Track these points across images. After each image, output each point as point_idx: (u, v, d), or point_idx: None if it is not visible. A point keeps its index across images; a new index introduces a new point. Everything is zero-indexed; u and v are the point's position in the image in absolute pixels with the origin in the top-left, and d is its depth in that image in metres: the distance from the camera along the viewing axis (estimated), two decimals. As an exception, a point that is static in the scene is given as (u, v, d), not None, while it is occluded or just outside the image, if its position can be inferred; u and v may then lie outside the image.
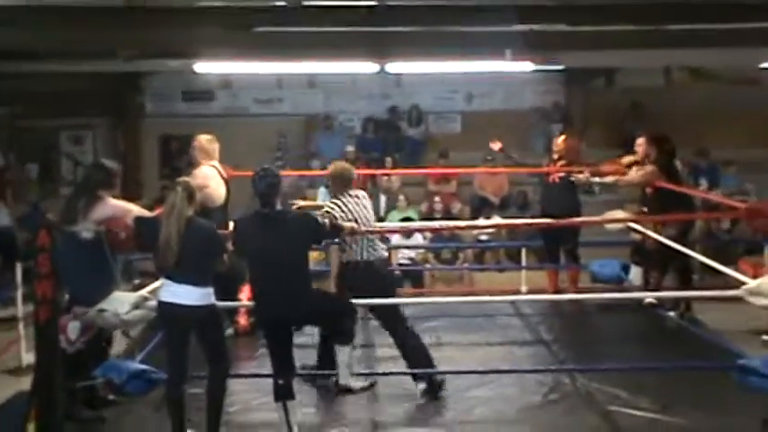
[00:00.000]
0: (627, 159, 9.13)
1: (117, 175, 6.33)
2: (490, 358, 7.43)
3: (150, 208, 6.98)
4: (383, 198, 13.02)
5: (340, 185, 6.52)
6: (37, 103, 12.51)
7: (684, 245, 8.20)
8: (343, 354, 5.80)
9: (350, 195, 6.45)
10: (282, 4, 7.94)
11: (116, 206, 6.11)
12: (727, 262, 7.73)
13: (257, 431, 5.88)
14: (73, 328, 5.94)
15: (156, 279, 6.23)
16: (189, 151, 7.65)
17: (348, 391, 5.86)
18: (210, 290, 5.52)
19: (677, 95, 13.72)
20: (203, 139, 7.64)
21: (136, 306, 5.90)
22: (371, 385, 6.03)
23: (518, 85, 13.92)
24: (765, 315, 7.39)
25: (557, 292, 9.59)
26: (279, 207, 5.76)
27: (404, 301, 7.24)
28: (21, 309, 8.21)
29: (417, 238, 11.97)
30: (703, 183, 12.42)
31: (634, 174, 8.76)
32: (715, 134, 13.14)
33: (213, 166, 7.53)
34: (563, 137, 9.88)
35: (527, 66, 10.49)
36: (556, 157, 9.62)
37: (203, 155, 7.55)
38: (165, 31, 7.91)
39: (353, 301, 6.00)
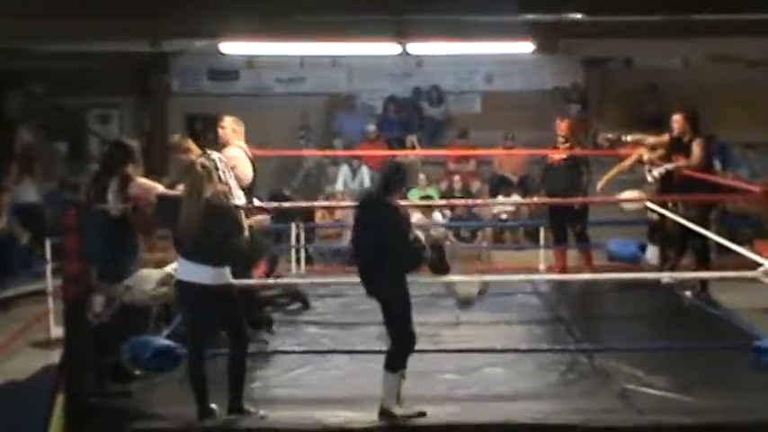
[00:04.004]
0: (653, 140, 9.12)
1: (135, 152, 6.38)
2: (509, 337, 7.50)
3: (174, 186, 7.07)
4: (404, 177, 13.11)
5: None
6: (66, 82, 12.65)
7: (706, 227, 8.26)
8: (387, 380, 5.68)
9: None
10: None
11: (142, 185, 6.22)
12: (737, 243, 7.76)
13: (278, 406, 5.92)
14: (97, 302, 6.09)
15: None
16: (216, 132, 7.72)
17: (391, 415, 5.64)
18: (226, 269, 5.61)
19: (695, 77, 13.69)
20: (231, 120, 7.73)
21: (163, 283, 6.01)
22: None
23: (537, 66, 13.96)
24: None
25: (563, 271, 9.69)
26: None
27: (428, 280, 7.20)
28: (50, 283, 8.36)
29: (437, 217, 12.08)
30: (716, 164, 12.42)
31: (696, 153, 8.55)
32: (733, 116, 13.09)
33: (240, 147, 7.63)
34: (566, 120, 10.02)
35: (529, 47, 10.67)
36: (561, 140, 9.74)
37: (231, 136, 7.65)
38: (192, 18, 8.00)
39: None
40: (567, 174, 9.51)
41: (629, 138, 9.34)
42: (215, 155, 6.90)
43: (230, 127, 7.62)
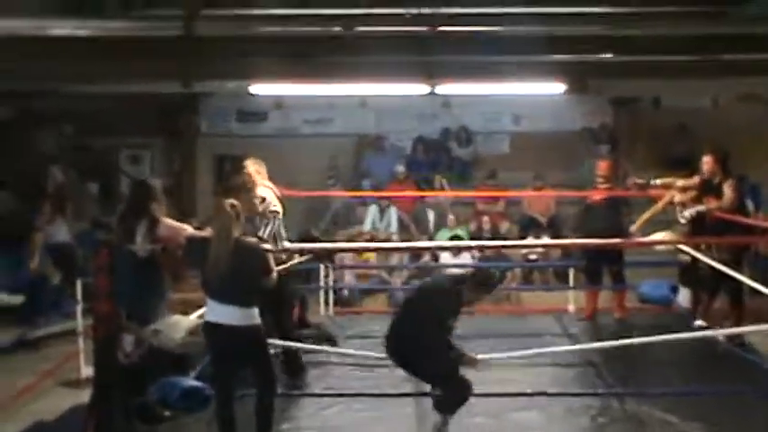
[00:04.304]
0: (682, 182, 9.07)
1: (158, 191, 6.38)
2: (539, 380, 7.41)
3: (203, 227, 7.08)
4: (432, 217, 13.13)
5: None
6: (97, 123, 12.78)
7: (739, 270, 8.17)
8: (439, 420, 5.93)
9: None
10: (338, 30, 8.13)
11: (171, 226, 6.23)
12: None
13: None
14: (127, 342, 6.10)
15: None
16: (241, 175, 7.72)
17: None
18: (255, 310, 5.59)
19: (724, 117, 13.59)
20: (251, 162, 7.71)
21: (192, 332, 5.98)
22: None
23: (566, 106, 13.92)
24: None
25: (594, 313, 9.60)
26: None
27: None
28: (80, 322, 8.38)
29: (465, 257, 12.02)
30: (749, 204, 12.27)
31: (728, 195, 8.55)
32: (763, 156, 12.90)
33: (268, 187, 7.64)
34: (607, 161, 9.99)
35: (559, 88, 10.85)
36: (600, 180, 9.69)
37: (256, 177, 7.64)
38: (222, 60, 8.07)
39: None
40: (607, 214, 9.44)
41: (657, 182, 9.30)
42: (272, 206, 6.99)
43: (253, 169, 7.63)
